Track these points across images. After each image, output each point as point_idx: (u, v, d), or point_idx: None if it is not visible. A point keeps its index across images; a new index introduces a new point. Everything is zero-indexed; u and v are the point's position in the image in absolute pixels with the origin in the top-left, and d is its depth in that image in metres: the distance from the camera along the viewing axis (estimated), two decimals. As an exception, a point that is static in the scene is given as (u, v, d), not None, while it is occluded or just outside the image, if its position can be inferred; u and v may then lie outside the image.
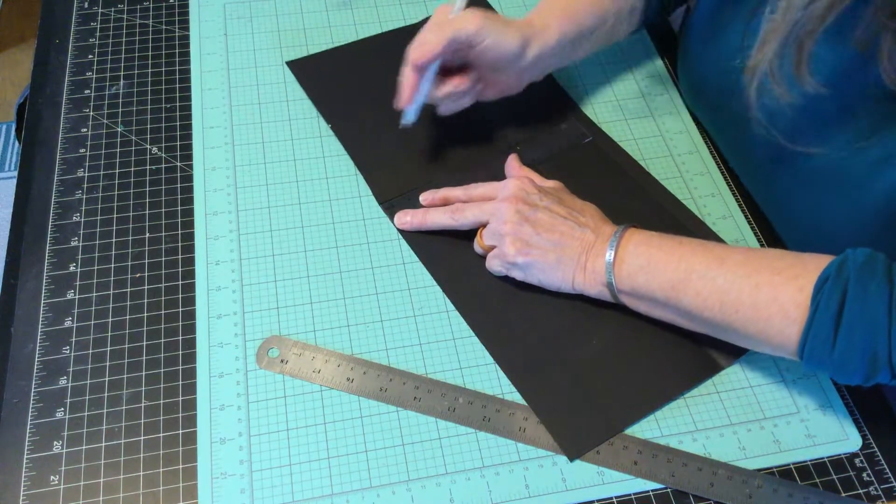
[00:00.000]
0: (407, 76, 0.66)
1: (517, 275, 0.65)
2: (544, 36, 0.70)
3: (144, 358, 0.62)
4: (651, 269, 0.60)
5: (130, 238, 0.69)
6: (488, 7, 0.88)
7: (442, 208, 0.68)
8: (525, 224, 0.63)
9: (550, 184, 0.69)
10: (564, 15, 0.71)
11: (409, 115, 0.68)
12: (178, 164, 0.75)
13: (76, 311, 0.65)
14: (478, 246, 0.67)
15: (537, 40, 0.69)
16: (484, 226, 0.66)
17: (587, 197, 0.67)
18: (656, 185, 0.74)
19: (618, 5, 0.74)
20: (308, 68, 0.81)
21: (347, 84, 0.80)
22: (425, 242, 0.70)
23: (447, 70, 0.69)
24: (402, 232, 0.70)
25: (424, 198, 0.70)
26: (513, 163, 0.73)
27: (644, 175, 0.74)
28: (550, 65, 0.74)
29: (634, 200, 0.72)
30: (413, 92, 0.67)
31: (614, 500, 0.57)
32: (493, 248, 0.65)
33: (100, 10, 0.87)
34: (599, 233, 0.63)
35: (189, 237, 0.69)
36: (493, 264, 0.66)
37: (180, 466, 0.58)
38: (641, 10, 0.77)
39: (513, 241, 0.63)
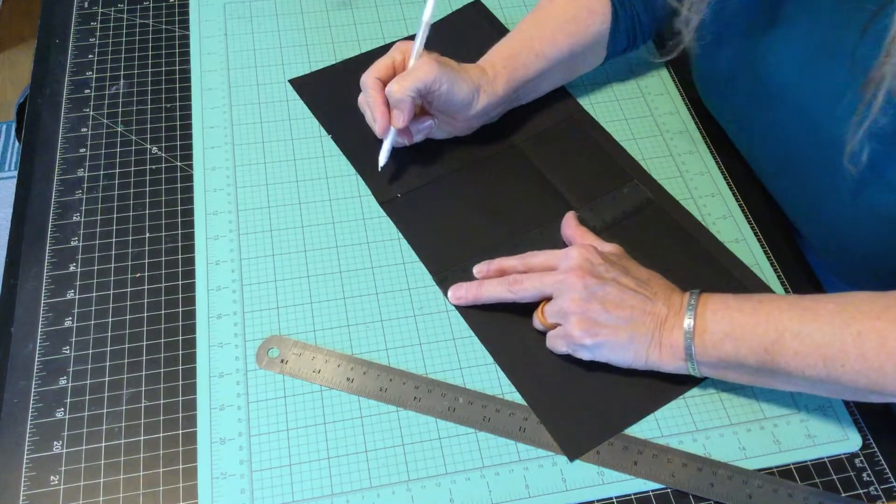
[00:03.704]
0: (377, 103, 0.68)
1: (584, 355, 0.60)
2: (493, 86, 0.70)
3: (144, 358, 0.62)
4: (737, 335, 0.55)
5: (130, 238, 0.69)
6: (486, 11, 0.88)
7: (498, 280, 0.64)
8: (593, 301, 0.58)
9: (610, 248, 0.64)
10: (513, 64, 0.71)
11: (384, 158, 0.71)
12: (178, 164, 0.75)
13: (76, 311, 0.65)
14: (538, 322, 0.62)
15: (486, 91, 0.70)
16: (546, 299, 0.62)
17: (648, 260, 0.64)
18: (717, 244, 0.70)
19: (575, 41, 0.73)
20: (309, 85, 0.81)
21: (348, 99, 0.80)
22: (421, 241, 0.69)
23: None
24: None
25: (479, 270, 0.66)
26: (571, 222, 0.68)
27: (705, 234, 0.70)
28: (500, 111, 0.74)
29: (697, 263, 0.68)
30: (386, 117, 0.68)
31: (614, 500, 0.57)
32: (555, 325, 0.61)
33: (100, 10, 0.87)
34: (671, 304, 0.59)
35: (189, 237, 0.69)
36: (558, 345, 0.61)
37: (180, 466, 0.58)
38: (606, 44, 0.76)
39: (579, 320, 0.58)
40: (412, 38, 0.69)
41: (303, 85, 0.81)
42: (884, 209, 0.58)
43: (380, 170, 0.71)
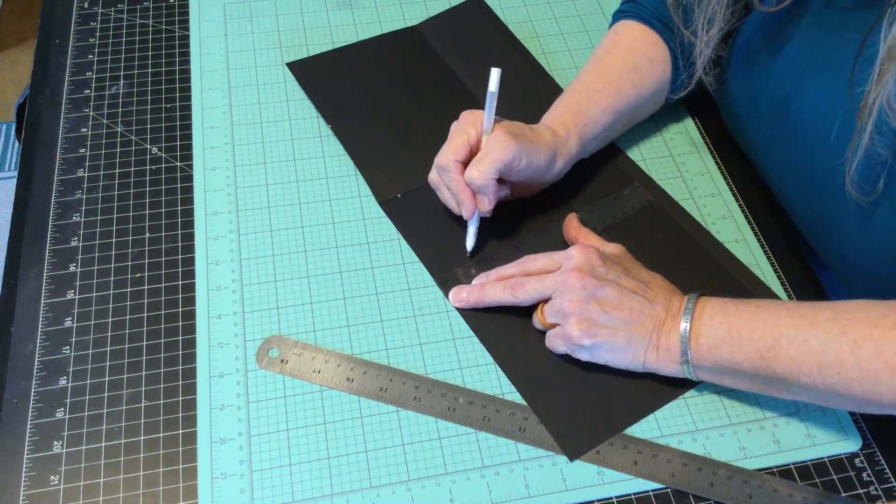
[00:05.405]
0: (462, 187, 0.65)
1: (583, 356, 0.60)
2: (567, 147, 0.69)
3: (144, 358, 0.62)
4: (734, 340, 0.55)
5: (130, 238, 0.69)
6: (487, 7, 0.88)
7: (500, 283, 0.64)
8: (591, 301, 0.58)
9: (612, 248, 0.64)
10: (583, 121, 0.69)
11: (472, 243, 0.68)
12: (178, 164, 0.75)
13: (76, 311, 0.65)
14: (538, 322, 0.62)
15: (561, 153, 0.68)
16: (545, 300, 0.62)
17: (649, 262, 0.64)
18: (717, 245, 0.70)
19: (639, 91, 0.72)
20: (308, 69, 0.81)
21: (347, 85, 0.80)
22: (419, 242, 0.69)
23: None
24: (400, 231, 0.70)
25: (478, 281, 0.66)
26: (573, 223, 0.68)
27: (707, 237, 0.70)
28: (570, 166, 0.71)
29: (697, 264, 0.68)
30: (472, 201, 0.65)
31: (614, 500, 0.57)
32: (555, 325, 0.61)
33: (100, 10, 0.87)
34: (669, 307, 0.59)
35: (189, 237, 0.69)
36: (557, 344, 0.61)
37: (180, 466, 0.58)
38: (667, 91, 0.75)
39: (578, 321, 0.58)
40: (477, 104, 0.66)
41: (301, 69, 0.81)
42: (892, 234, 0.58)
43: (468, 255, 0.68)
